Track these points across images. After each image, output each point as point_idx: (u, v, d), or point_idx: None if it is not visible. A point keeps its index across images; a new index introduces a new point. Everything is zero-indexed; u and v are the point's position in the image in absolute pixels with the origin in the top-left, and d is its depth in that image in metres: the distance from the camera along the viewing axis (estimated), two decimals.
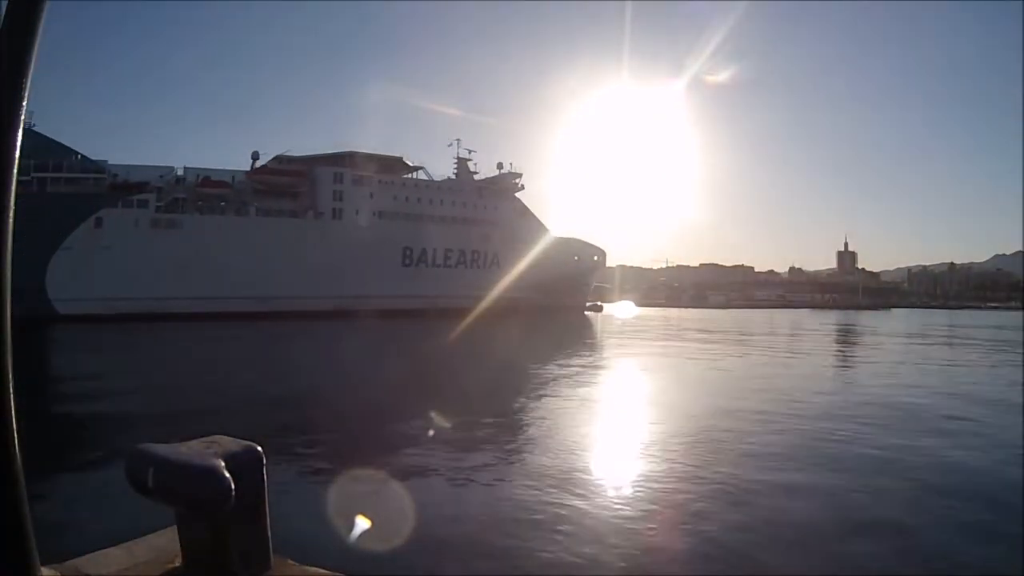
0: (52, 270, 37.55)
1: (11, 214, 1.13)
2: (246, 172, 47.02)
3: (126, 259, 38.56)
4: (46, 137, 40.96)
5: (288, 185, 46.60)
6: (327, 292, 42.68)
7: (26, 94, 1.11)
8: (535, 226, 54.57)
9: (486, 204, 53.04)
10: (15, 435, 1.12)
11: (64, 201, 38.46)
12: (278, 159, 47.74)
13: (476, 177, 54.56)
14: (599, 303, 67.19)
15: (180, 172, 45.24)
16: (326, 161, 47.58)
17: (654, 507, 6.95)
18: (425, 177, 52.89)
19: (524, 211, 55.23)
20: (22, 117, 1.12)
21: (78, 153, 42.11)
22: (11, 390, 1.13)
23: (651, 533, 6.25)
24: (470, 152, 54.67)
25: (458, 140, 57.47)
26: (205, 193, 44.21)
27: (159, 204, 41.95)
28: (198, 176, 45.07)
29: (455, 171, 54.42)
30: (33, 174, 39.02)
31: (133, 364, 21.42)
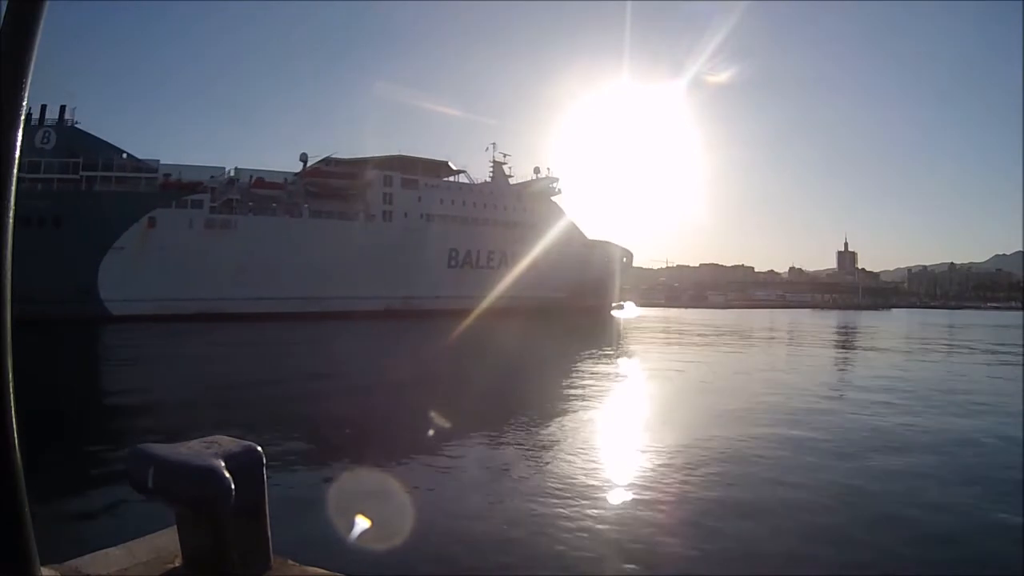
0: (104, 270, 37.47)
1: (11, 214, 1.13)
2: (295, 173, 47.80)
3: (180, 260, 38.50)
4: (91, 135, 41.00)
5: (340, 187, 47.23)
6: (378, 293, 43.21)
7: (26, 94, 1.11)
8: (571, 229, 55.71)
9: (525, 207, 53.97)
10: (15, 435, 1.12)
11: (116, 200, 38.52)
12: (326, 161, 48.34)
13: (511, 181, 55.66)
14: (622, 304, 68.31)
15: (231, 173, 45.67)
16: (375, 164, 48.39)
17: None
18: (466, 180, 53.90)
19: (560, 214, 56.06)
20: (22, 117, 1.12)
21: (123, 151, 42.01)
22: (11, 390, 1.13)
23: None
24: (505, 156, 56.13)
25: (493, 144, 58.41)
26: (258, 194, 44.56)
27: (213, 205, 42.08)
28: (251, 177, 45.59)
29: (491, 175, 55.47)
30: (82, 172, 39.14)
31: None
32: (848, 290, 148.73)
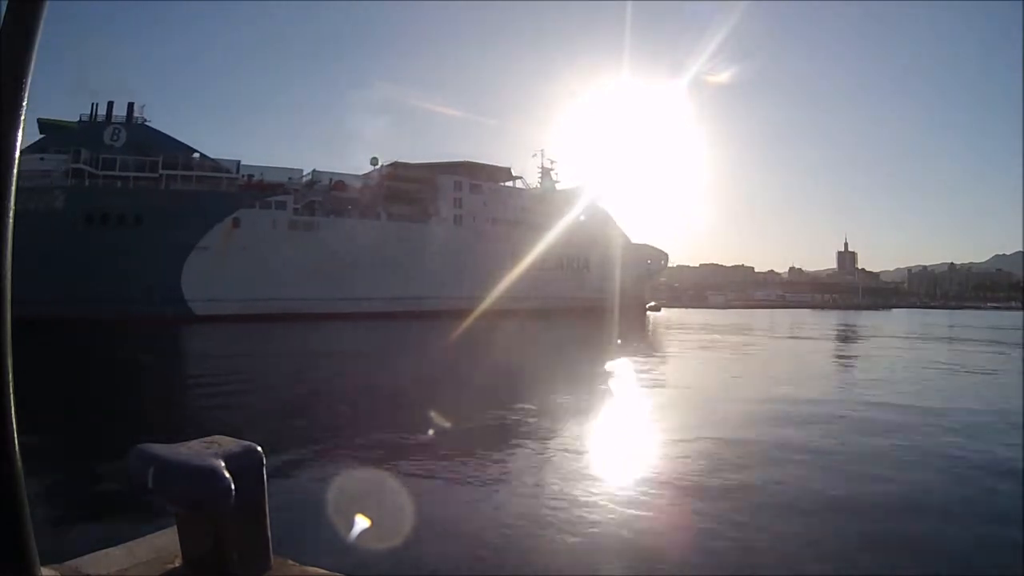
0: (187, 270, 37.70)
1: (11, 214, 1.13)
2: (362, 175, 49.37)
3: (263, 260, 38.89)
4: (162, 133, 41.18)
5: (412, 191, 48.79)
6: (450, 293, 44.36)
7: (26, 94, 1.11)
8: (616, 233, 58.38)
9: (573, 212, 56.03)
10: (15, 435, 1.12)
11: (200, 200, 38.86)
12: (394, 165, 50.00)
13: (558, 186, 57.89)
14: (656, 304, 71.56)
15: (308, 175, 46.47)
16: (443, 169, 50.37)
17: None
18: (522, 186, 56.58)
19: (607, 219, 58.55)
20: (22, 117, 1.12)
21: (195, 150, 42.23)
22: (11, 390, 1.13)
23: None
24: (552, 162, 58.44)
25: (542, 151, 60.40)
26: (338, 197, 45.50)
27: (296, 207, 42.72)
28: (330, 180, 46.61)
29: (539, 180, 57.70)
30: (162, 171, 39.32)
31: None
32: (848, 290, 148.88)
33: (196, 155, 41.79)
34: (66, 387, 13.04)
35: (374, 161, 50.38)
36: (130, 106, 40.66)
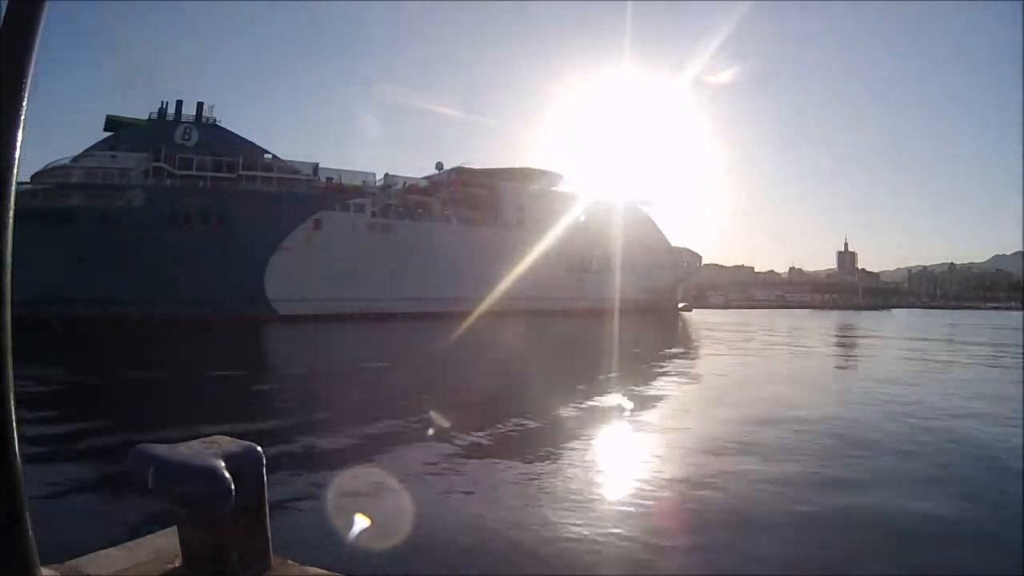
0: (271, 270, 38.36)
1: (11, 214, 1.13)
2: (425, 178, 51.01)
3: (342, 261, 39.76)
4: (233, 133, 41.74)
5: (478, 195, 50.54)
6: (516, 294, 45.95)
7: (26, 94, 1.11)
8: (659, 237, 61.87)
9: (619, 217, 58.29)
10: (15, 435, 1.12)
11: (283, 201, 39.71)
12: (458, 170, 51.72)
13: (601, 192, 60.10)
14: (687, 304, 73.92)
15: (381, 179, 47.92)
16: (503, 175, 52.43)
17: None
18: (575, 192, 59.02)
19: (651, 224, 61.64)
20: (22, 117, 1.12)
21: (266, 151, 42.74)
22: (11, 390, 1.13)
23: None
24: (598, 169, 63.36)
25: (586, 159, 65.64)
26: (412, 200, 47.02)
27: (374, 209, 43.94)
28: (404, 183, 48.35)
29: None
30: (241, 172, 39.83)
31: None
32: (848, 290, 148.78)
33: (268, 156, 42.46)
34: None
35: (439, 166, 52.53)
36: (199, 105, 41.12)
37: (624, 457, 8.37)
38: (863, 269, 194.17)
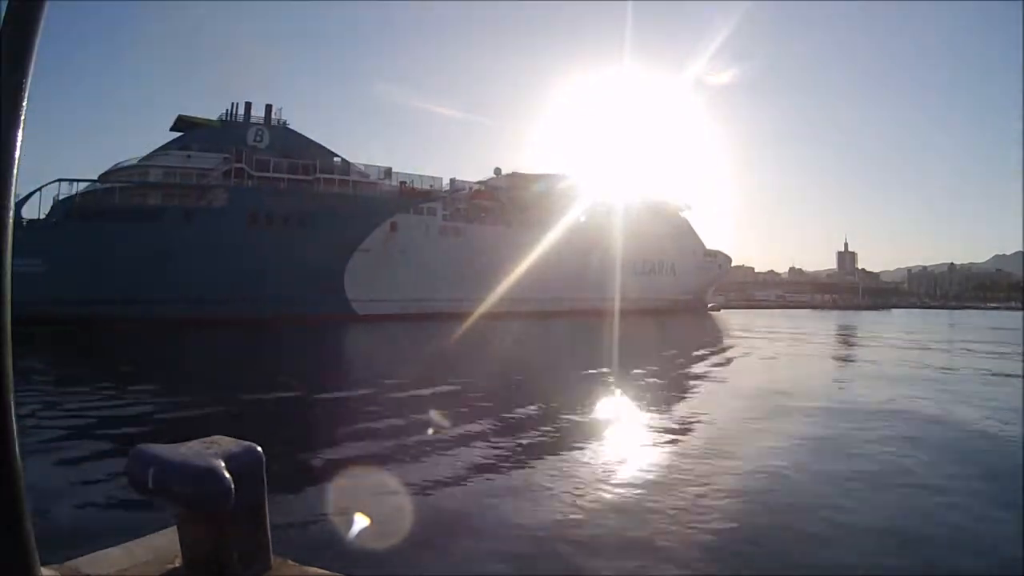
0: (350, 271, 39.60)
1: (11, 214, 1.13)
2: (479, 182, 52.96)
3: (417, 263, 41.48)
4: (302, 135, 42.71)
5: (536, 200, 52.19)
6: (573, 294, 48.89)
7: (26, 94, 1.11)
8: (697, 240, 65.32)
9: (658, 221, 61.32)
10: (15, 435, 1.12)
11: (363, 204, 41.38)
12: (514, 176, 53.69)
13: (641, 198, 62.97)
14: (716, 304, 76.58)
15: (447, 183, 49.46)
16: (555, 180, 54.61)
17: None
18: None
19: (688, 228, 64.86)
20: (22, 117, 1.12)
21: (336, 154, 43.73)
22: (11, 390, 1.13)
23: None
24: (637, 177, 64.90)
25: (629, 168, 67.48)
26: (478, 204, 49.10)
27: (445, 213, 45.79)
28: (469, 188, 50.45)
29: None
30: (319, 175, 41.03)
31: None
32: (848, 290, 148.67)
33: (337, 159, 43.54)
34: None
35: (497, 171, 54.61)
36: (268, 107, 42.11)
37: None
38: (863, 269, 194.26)
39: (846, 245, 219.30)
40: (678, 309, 58.35)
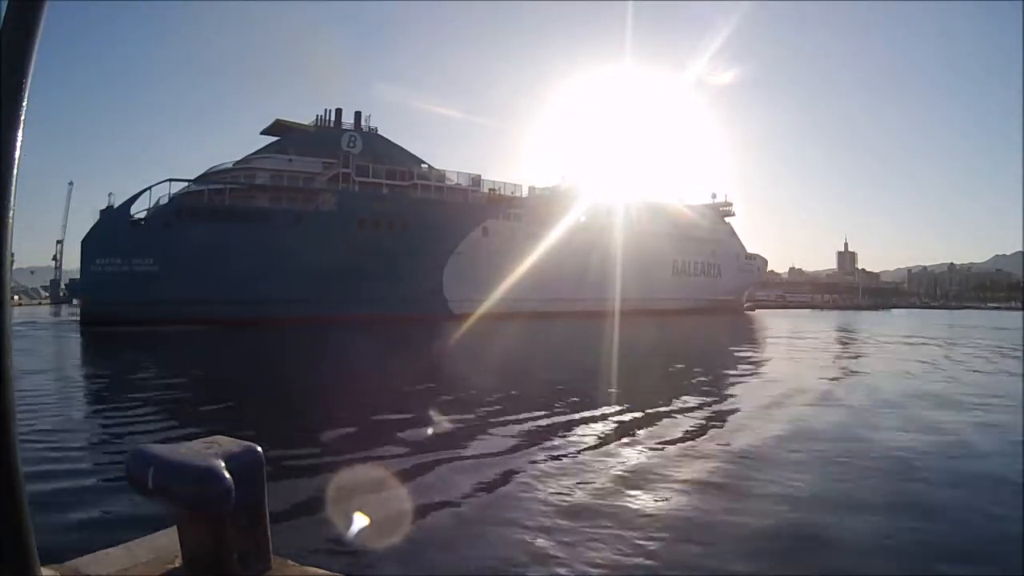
0: (447, 273, 42.04)
1: (11, 214, 1.13)
2: (554, 190, 55.08)
3: (507, 266, 43.15)
4: (392, 142, 44.90)
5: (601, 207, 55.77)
6: (632, 294, 50.16)
7: (26, 94, 1.11)
8: (739, 244, 68.91)
9: (707, 226, 64.30)
10: (15, 435, 1.12)
11: (459, 210, 44.02)
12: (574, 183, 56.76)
13: (687, 203, 65.20)
14: (752, 304, 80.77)
15: (525, 190, 51.95)
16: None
17: None
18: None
19: (732, 232, 68.36)
20: (22, 117, 1.12)
21: (423, 161, 46.13)
22: (11, 390, 1.13)
23: None
24: (684, 182, 68.99)
25: (685, 176, 73.22)
26: (551, 211, 51.21)
27: (527, 218, 48.47)
28: (547, 194, 53.16)
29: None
30: (416, 180, 43.48)
31: None
32: (848, 290, 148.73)
33: (424, 165, 45.88)
34: None
35: (563, 178, 57.45)
36: (357, 115, 44.26)
37: None
38: (863, 269, 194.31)
39: (846, 245, 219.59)
40: (722, 309, 61.48)
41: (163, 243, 32.59)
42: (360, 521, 4.77)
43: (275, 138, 42.88)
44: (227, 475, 1.73)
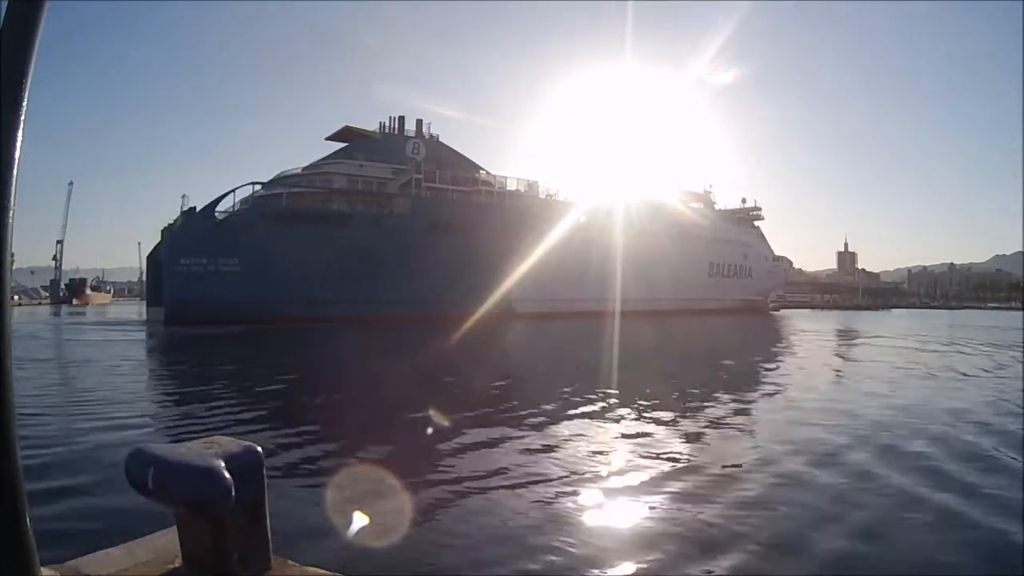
0: (510, 274, 43.02)
1: (11, 214, 1.13)
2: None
3: (562, 267, 45.13)
4: (452, 149, 46.74)
5: (651, 211, 57.48)
6: (678, 295, 54.60)
7: (26, 94, 1.11)
8: (767, 247, 71.93)
9: (739, 229, 67.80)
10: (15, 435, 1.12)
11: (516, 215, 45.47)
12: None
13: (716, 207, 67.95)
14: (776, 304, 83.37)
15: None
16: (661, 195, 60.21)
17: None
18: (719, 206, 68.54)
19: (761, 235, 71.10)
20: (22, 117, 1.12)
21: (481, 167, 47.86)
22: (11, 390, 1.13)
23: None
24: (711, 186, 69.44)
25: (706, 180, 75.05)
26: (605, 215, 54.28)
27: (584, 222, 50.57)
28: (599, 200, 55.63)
29: (700, 203, 67.07)
30: (481, 187, 45.76)
31: None
32: (848, 290, 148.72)
33: (482, 171, 47.68)
34: None
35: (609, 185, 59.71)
36: (419, 122, 46.24)
37: None
38: (863, 269, 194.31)
39: (846, 245, 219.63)
40: (749, 309, 64.77)
41: (247, 243, 33.92)
42: None
43: (341, 144, 44.76)
44: (227, 475, 1.73)
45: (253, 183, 37.31)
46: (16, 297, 79.21)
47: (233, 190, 36.14)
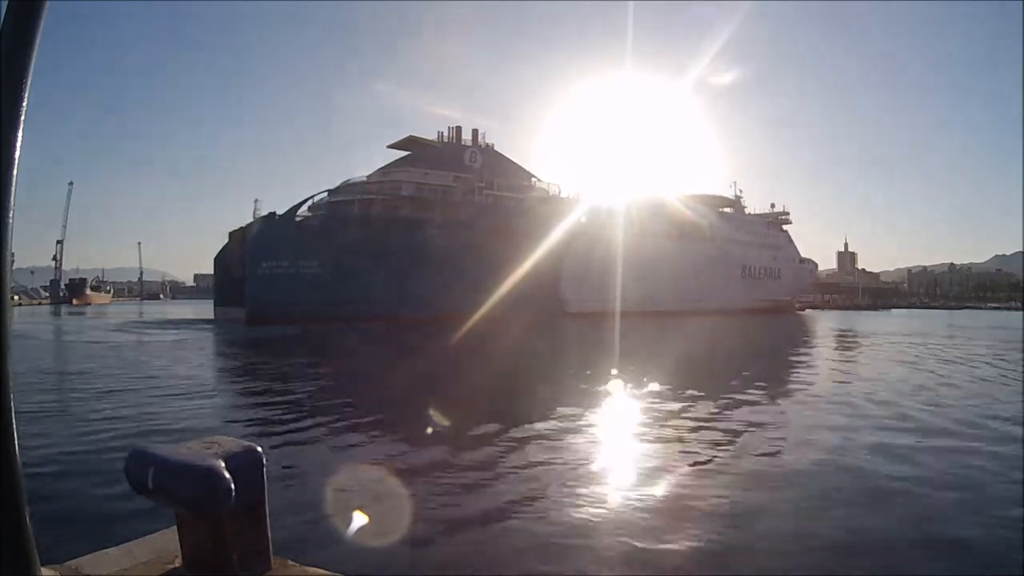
0: (564, 277, 45.64)
1: (11, 214, 1.13)
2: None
3: (608, 269, 46.09)
4: (506, 157, 48.68)
5: (683, 218, 58.85)
6: (717, 297, 57.29)
7: (26, 94, 1.11)
8: (795, 249, 74.35)
9: (769, 233, 70.16)
10: (15, 435, 1.12)
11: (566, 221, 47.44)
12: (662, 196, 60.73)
13: (747, 210, 70.02)
14: (802, 304, 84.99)
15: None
16: (699, 200, 61.80)
17: None
18: (749, 211, 70.63)
19: (789, 239, 73.71)
20: (22, 117, 1.12)
21: (532, 174, 50.02)
22: (11, 390, 1.13)
23: None
24: (741, 191, 70.81)
25: (735, 182, 79.33)
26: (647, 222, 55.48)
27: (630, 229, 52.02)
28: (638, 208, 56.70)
29: (731, 207, 69.22)
30: (533, 195, 47.65)
31: None
32: (848, 290, 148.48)
33: (533, 179, 49.82)
34: None
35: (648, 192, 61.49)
36: (475, 132, 48.22)
37: None
38: (863, 269, 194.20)
39: (846, 245, 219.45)
40: (778, 309, 66.78)
41: (325, 247, 35.86)
42: None
43: (404, 152, 46.71)
44: (227, 475, 1.73)
45: (327, 190, 40.24)
46: (16, 297, 79.18)
47: (311, 197, 38.91)
